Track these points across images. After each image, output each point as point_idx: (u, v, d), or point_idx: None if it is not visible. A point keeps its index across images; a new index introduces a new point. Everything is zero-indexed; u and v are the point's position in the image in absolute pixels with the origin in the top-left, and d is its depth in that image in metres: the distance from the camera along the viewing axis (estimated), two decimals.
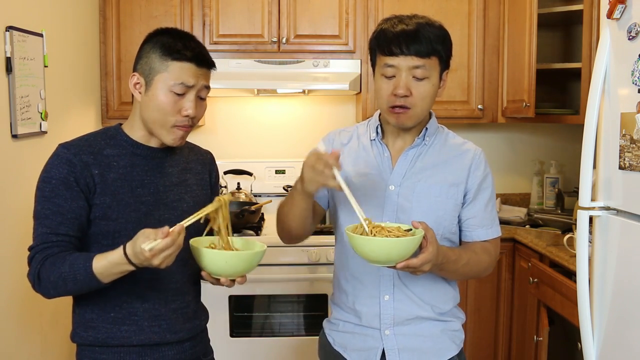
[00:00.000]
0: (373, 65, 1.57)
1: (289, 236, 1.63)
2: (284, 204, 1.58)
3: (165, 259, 1.27)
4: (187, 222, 1.33)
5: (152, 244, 1.25)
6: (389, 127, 1.59)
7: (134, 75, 1.46)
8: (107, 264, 1.32)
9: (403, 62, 1.46)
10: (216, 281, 1.42)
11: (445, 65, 1.52)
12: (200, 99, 1.47)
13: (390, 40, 1.46)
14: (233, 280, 1.42)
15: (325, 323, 1.70)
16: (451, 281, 1.61)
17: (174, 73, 1.41)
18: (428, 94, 1.49)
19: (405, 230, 1.37)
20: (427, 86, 1.48)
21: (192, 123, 1.46)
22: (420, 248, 1.35)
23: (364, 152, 1.60)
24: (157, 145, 1.51)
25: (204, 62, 1.45)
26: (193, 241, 1.41)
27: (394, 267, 1.34)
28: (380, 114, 1.62)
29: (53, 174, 1.40)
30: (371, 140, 1.60)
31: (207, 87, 1.47)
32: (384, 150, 1.59)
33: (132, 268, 1.31)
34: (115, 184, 1.43)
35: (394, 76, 1.48)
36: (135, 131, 1.50)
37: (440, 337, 1.57)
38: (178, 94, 1.41)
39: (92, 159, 1.43)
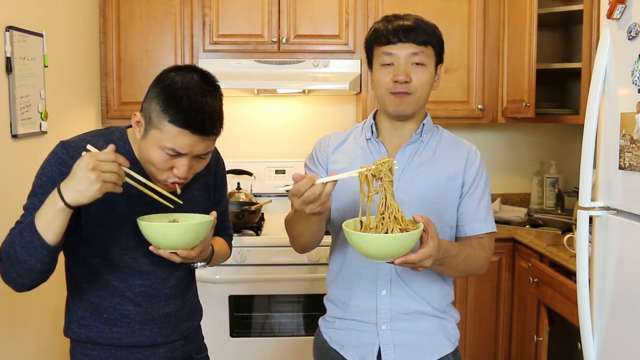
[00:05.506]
0: (370, 62, 1.61)
1: (306, 249, 1.62)
2: (295, 224, 1.53)
3: (100, 167, 1.21)
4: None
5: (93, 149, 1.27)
6: (385, 124, 1.62)
7: (136, 114, 1.38)
8: (43, 205, 1.25)
9: (401, 50, 1.52)
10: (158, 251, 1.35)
11: (439, 58, 1.59)
12: (200, 158, 1.38)
13: (389, 32, 1.53)
14: (175, 253, 1.35)
15: (320, 321, 1.70)
16: (447, 278, 1.62)
17: (168, 136, 1.30)
18: (426, 81, 1.55)
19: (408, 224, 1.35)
20: (425, 73, 1.54)
21: (186, 180, 1.39)
22: (421, 242, 1.33)
23: (360, 150, 1.62)
24: None
25: (204, 131, 1.31)
26: (142, 218, 1.35)
27: (392, 262, 1.32)
28: (375, 114, 1.66)
29: (45, 172, 1.38)
30: (366, 139, 1.62)
31: (208, 152, 1.38)
32: (380, 147, 1.61)
33: (60, 204, 1.22)
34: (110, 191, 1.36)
35: (392, 64, 1.53)
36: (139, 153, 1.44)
37: (436, 335, 1.58)
38: (171, 155, 1.33)
39: None
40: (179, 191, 1.41)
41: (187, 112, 1.29)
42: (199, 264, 1.50)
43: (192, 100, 1.30)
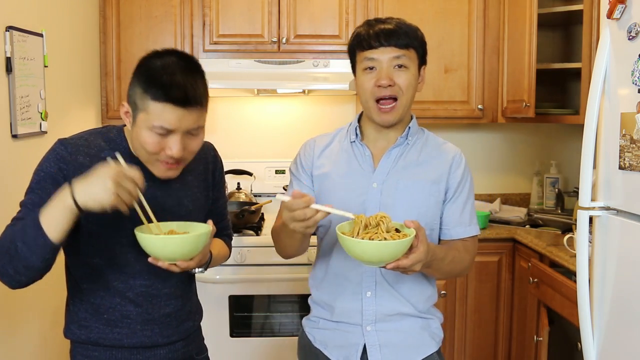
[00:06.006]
0: (353, 67, 1.62)
1: (291, 257, 1.66)
2: (281, 235, 1.58)
3: (121, 181, 1.21)
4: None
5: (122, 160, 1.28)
6: (370, 128, 1.63)
7: (123, 104, 1.38)
8: (50, 202, 1.23)
9: (383, 55, 1.52)
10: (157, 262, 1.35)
11: (422, 60, 1.58)
12: (192, 135, 1.37)
13: (370, 36, 1.52)
14: (175, 264, 1.36)
15: (304, 321, 1.70)
16: (431, 280, 1.64)
17: (153, 114, 1.31)
18: (410, 84, 1.54)
19: (395, 229, 1.37)
20: (408, 75, 1.53)
21: (181, 160, 1.39)
22: (411, 247, 1.34)
23: (345, 153, 1.63)
24: None
25: (187, 101, 1.31)
26: (139, 228, 1.36)
27: (384, 267, 1.34)
28: (359, 117, 1.66)
29: (43, 168, 1.37)
30: (351, 142, 1.63)
31: (198, 127, 1.37)
32: (365, 150, 1.61)
33: (69, 201, 1.21)
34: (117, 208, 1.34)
35: (375, 68, 1.53)
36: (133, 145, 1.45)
37: (420, 334, 1.60)
38: (161, 134, 1.33)
39: (88, 160, 1.38)
40: (176, 174, 1.42)
41: (167, 86, 1.29)
42: (196, 269, 1.50)
43: (171, 75, 1.31)
